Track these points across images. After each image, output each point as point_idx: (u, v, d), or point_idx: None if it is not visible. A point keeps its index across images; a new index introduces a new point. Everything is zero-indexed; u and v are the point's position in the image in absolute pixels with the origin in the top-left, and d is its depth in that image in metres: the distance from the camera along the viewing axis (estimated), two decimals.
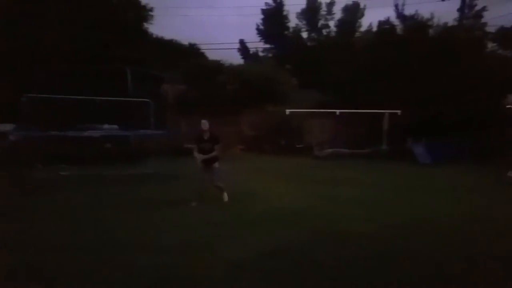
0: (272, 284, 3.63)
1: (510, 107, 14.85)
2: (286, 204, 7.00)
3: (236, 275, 3.80)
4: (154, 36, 23.61)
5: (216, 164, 7.14)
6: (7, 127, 11.85)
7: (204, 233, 5.21)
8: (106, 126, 12.57)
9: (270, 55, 33.30)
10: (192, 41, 31.09)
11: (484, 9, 30.48)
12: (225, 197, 7.24)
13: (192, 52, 29.76)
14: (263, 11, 33.71)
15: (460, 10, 26.04)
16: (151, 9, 19.80)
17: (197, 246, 4.69)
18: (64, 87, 11.08)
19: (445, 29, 19.20)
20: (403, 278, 3.80)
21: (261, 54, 34.07)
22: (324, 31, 32.69)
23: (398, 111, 14.91)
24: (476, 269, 4.09)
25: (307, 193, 8.10)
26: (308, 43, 32.00)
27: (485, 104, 14.48)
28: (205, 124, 7.00)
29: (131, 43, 15.22)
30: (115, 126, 12.10)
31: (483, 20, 30.13)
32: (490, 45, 31.61)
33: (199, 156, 6.98)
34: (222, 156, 7.57)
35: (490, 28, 31.71)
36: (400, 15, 21.27)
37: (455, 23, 24.59)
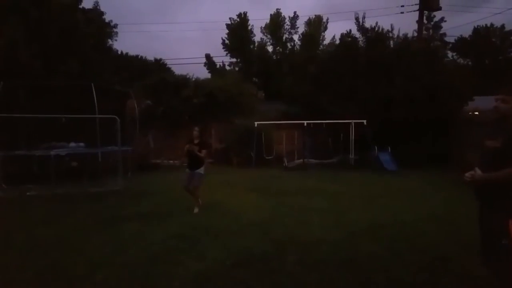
0: None
1: (470, 113, 15.67)
2: (252, 215, 7.12)
3: (199, 287, 3.87)
4: (119, 52, 23.40)
5: (201, 170, 7.58)
6: None
7: (168, 246, 5.26)
8: (72, 144, 12.28)
9: (236, 68, 33.71)
10: (158, 57, 31.11)
11: (442, 20, 32.31)
12: (196, 209, 7.48)
13: (158, 67, 29.71)
14: (228, 26, 34.21)
15: (419, 21, 27.54)
16: (115, 26, 19.67)
17: (160, 259, 4.75)
18: (27, 105, 10.80)
19: (404, 41, 20.21)
20: (364, 280, 4.03)
21: (227, 67, 34.46)
22: (289, 45, 33.51)
23: (364, 121, 15.43)
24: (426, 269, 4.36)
25: (274, 204, 8.25)
26: (274, 57, 32.67)
27: (446, 112, 15.27)
28: (196, 131, 7.66)
29: (94, 59, 14.99)
30: (82, 144, 11.85)
31: (442, 31, 32.00)
32: (450, 54, 33.53)
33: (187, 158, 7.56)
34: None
35: (450, 38, 33.69)
36: (361, 28, 22.17)
37: (415, 34, 25.94)
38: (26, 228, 6.34)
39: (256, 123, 15.79)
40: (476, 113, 14.99)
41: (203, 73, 33.86)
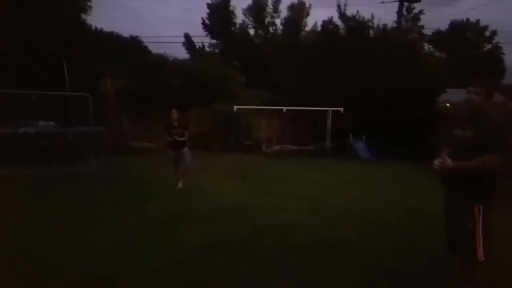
0: (212, 278, 3.70)
1: (445, 105, 15.98)
2: (229, 200, 7.09)
3: (176, 271, 3.82)
4: (92, 28, 22.37)
5: (186, 149, 7.87)
6: None
7: (145, 230, 5.16)
8: (41, 122, 11.75)
9: (217, 50, 33.04)
10: (134, 34, 29.85)
11: (421, 12, 32.62)
12: (180, 184, 7.88)
13: (134, 46, 28.61)
14: (209, 6, 33.32)
15: (398, 13, 27.69)
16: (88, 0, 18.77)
17: (136, 243, 4.65)
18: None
19: (383, 31, 20.34)
20: (335, 263, 4.11)
21: (207, 49, 33.68)
22: (271, 29, 33.07)
23: (341, 109, 15.52)
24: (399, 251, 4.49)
25: (251, 189, 8.26)
26: (256, 40, 32.19)
27: (421, 103, 15.53)
28: (174, 113, 7.78)
29: (68, 35, 14.28)
30: (52, 123, 11.36)
31: (420, 23, 32.32)
32: (427, 47, 34.04)
33: (171, 142, 7.78)
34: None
35: (427, 31, 34.14)
36: (342, 16, 22.12)
37: (394, 25, 26.13)
38: None
39: (235, 107, 15.62)
40: (448, 105, 15.31)
41: (182, 54, 33.00)
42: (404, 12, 29.83)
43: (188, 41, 34.14)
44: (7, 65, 10.92)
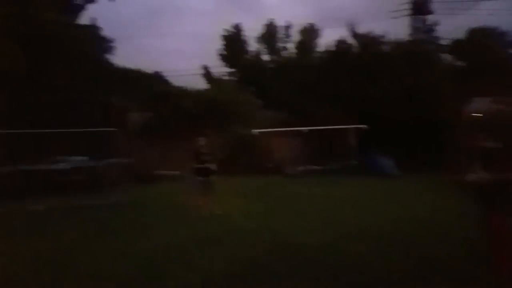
0: None
1: (473, 115, 15.75)
2: (248, 222, 7.26)
3: None
4: (116, 66, 23.63)
5: (212, 177, 8.21)
6: None
7: (163, 257, 5.30)
8: (74, 157, 12.45)
9: (234, 78, 33.95)
10: (156, 69, 31.22)
11: (436, 23, 32.56)
12: (203, 210, 7.99)
13: (156, 80, 29.86)
14: (224, 37, 34.57)
15: (411, 26, 27.80)
16: (112, 41, 19.96)
17: (155, 270, 4.81)
18: (31, 120, 11.02)
19: (398, 45, 20.53)
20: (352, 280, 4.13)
21: (224, 77, 34.68)
22: (284, 53, 33.84)
23: (364, 126, 15.54)
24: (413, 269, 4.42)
25: (270, 210, 8.42)
26: (270, 65, 32.97)
27: (443, 114, 15.42)
28: (202, 140, 8.20)
29: (94, 74, 15.25)
30: (84, 158, 12.02)
31: (436, 34, 32.21)
32: (447, 57, 33.69)
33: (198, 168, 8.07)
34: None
35: (446, 41, 33.88)
36: (354, 34, 22.52)
37: (408, 38, 26.26)
38: (27, 241, 6.44)
39: (255, 131, 15.95)
40: (473, 114, 15.11)
41: (201, 84, 34.11)
42: (418, 25, 29.91)
43: (206, 72, 35.36)
44: (39, 103, 11.72)
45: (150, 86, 22.34)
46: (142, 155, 15.15)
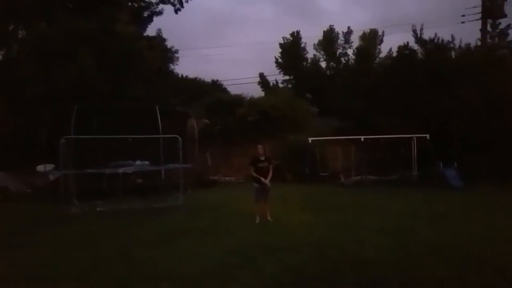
0: None
1: None
2: (307, 233, 7.12)
3: None
4: (179, 75, 24.84)
5: (269, 184, 8.24)
6: (48, 167, 12.58)
7: (224, 262, 5.39)
8: (138, 162, 13.13)
9: (289, 85, 33.95)
10: (214, 78, 32.35)
11: (509, 27, 30.13)
12: (268, 216, 8.22)
13: (215, 88, 30.92)
14: (281, 45, 34.75)
15: (482, 30, 25.94)
16: (176, 51, 21.04)
17: (216, 274, 4.90)
18: (98, 126, 11.84)
19: (466, 50, 19.21)
20: None
21: (281, 85, 34.78)
22: (343, 59, 33.21)
23: (427, 135, 14.74)
24: None
25: (329, 221, 8.18)
26: (327, 72, 32.50)
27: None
28: (260, 148, 8.34)
29: (158, 83, 16.14)
30: (147, 162, 12.62)
31: (509, 38, 29.76)
32: None
33: (257, 176, 8.16)
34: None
35: None
36: (419, 40, 21.44)
37: (478, 43, 24.47)
38: (93, 241, 6.87)
39: (310, 139, 15.74)
40: None
41: (258, 92, 34.64)
42: (489, 29, 27.82)
43: (263, 80, 35.77)
44: (111, 114, 12.55)
45: (209, 94, 23.17)
46: (200, 161, 15.64)
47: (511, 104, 14.50)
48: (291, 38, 34.38)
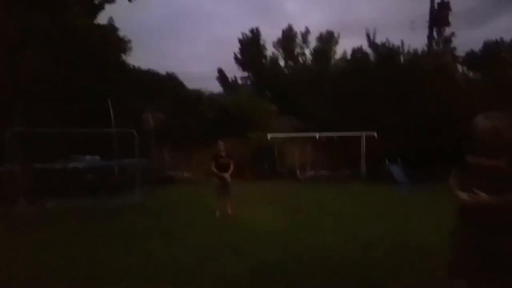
0: None
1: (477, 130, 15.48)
2: (267, 227, 7.23)
3: None
4: (131, 67, 23.88)
5: (230, 180, 8.32)
6: None
7: (191, 256, 5.42)
8: (88, 157, 12.57)
9: (248, 82, 34.07)
10: (170, 71, 31.27)
11: (452, 34, 32.28)
12: (229, 210, 8.27)
13: (171, 82, 30.05)
14: (240, 41, 34.74)
15: (429, 37, 27.62)
16: (128, 41, 20.23)
17: (182, 271, 4.85)
18: (46, 119, 11.17)
19: (414, 57, 20.39)
20: (372, 281, 4.26)
21: (240, 82, 34.83)
22: (301, 59, 33.87)
23: (375, 133, 15.53)
24: None
25: (287, 215, 8.38)
26: (286, 71, 33.01)
27: (456, 126, 15.23)
28: (221, 144, 8.36)
29: (111, 75, 15.46)
30: (97, 157, 12.12)
31: (452, 45, 31.93)
32: (461, 69, 33.44)
33: (217, 171, 8.23)
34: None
35: (461, 53, 33.61)
36: (372, 44, 22.46)
37: (425, 49, 26.01)
38: (48, 244, 6.41)
39: (269, 136, 16.01)
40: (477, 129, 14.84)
41: (216, 87, 34.32)
42: (435, 36, 29.68)
43: (221, 75, 35.57)
44: (53, 102, 11.86)
45: (165, 88, 22.56)
46: (157, 157, 15.28)
47: (461, 112, 15.50)
48: (250, 35, 34.50)
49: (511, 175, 2.57)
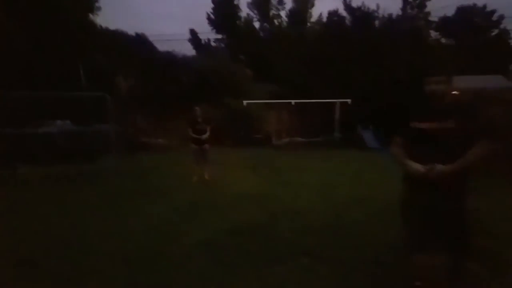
0: (237, 257, 4.09)
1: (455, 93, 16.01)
2: (245, 190, 7.46)
3: (203, 252, 4.25)
4: (100, 27, 22.71)
5: (207, 145, 8.38)
6: None
7: (170, 218, 5.60)
8: (58, 122, 12.16)
9: (222, 45, 33.20)
10: (139, 31, 29.85)
11: None
12: (207, 175, 8.41)
13: (140, 43, 28.80)
14: (213, 0, 33.49)
15: (404, 1, 27.58)
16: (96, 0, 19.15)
17: (164, 229, 5.07)
18: (13, 83, 10.62)
19: (389, 21, 20.42)
20: (346, 241, 4.49)
21: (213, 44, 33.86)
22: (276, 21, 33.13)
23: (348, 100, 15.75)
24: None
25: (264, 180, 8.62)
26: (261, 33, 32.32)
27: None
28: (198, 110, 8.31)
29: (79, 35, 14.67)
30: (68, 122, 11.75)
31: (426, 10, 32.04)
32: (434, 34, 33.83)
33: (194, 137, 8.26)
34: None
35: (434, 18, 33.89)
36: (348, 7, 22.22)
37: (400, 12, 26.05)
38: (28, 207, 6.43)
39: (245, 102, 15.94)
40: (456, 92, 15.38)
41: (188, 50, 33.31)
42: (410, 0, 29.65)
43: (194, 37, 34.38)
44: (20, 64, 11.27)
45: (134, 50, 21.61)
46: (130, 122, 14.96)
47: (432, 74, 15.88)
48: None
49: (460, 136, 2.56)
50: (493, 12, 35.62)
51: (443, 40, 34.33)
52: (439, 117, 2.63)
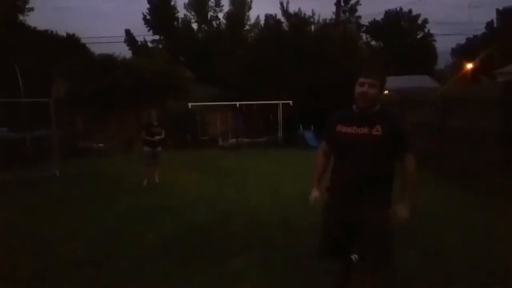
0: (194, 255, 4.42)
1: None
2: (195, 192, 7.75)
3: (162, 252, 4.52)
4: (30, 27, 21.37)
5: (160, 148, 8.51)
6: None
7: (123, 221, 5.73)
8: None
9: (160, 46, 32.77)
10: (71, 32, 28.41)
11: (357, 3, 34.57)
12: (157, 178, 8.54)
13: (73, 45, 27.39)
14: (149, 1, 32.99)
15: (337, 5, 29.34)
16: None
17: (120, 232, 5.21)
18: None
19: (323, 26, 21.70)
20: (295, 235, 4.98)
21: (150, 45, 33.29)
22: (214, 23, 33.45)
23: (290, 102, 16.55)
24: None
25: (213, 181, 8.93)
26: (199, 35, 32.40)
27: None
28: (153, 113, 8.51)
29: (10, 37, 13.83)
30: (4, 129, 11.10)
31: (358, 14, 34.34)
32: (364, 37, 36.25)
33: (148, 139, 8.37)
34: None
35: (365, 22, 36.41)
36: (285, 12, 23.17)
37: (333, 17, 27.67)
38: None
39: (190, 104, 16.12)
40: (386, 92, 16.88)
41: (123, 51, 32.33)
42: (342, 4, 31.52)
43: (129, 38, 33.49)
44: None
45: (67, 52, 20.59)
46: (69, 127, 14.39)
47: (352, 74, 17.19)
48: None
49: (383, 143, 2.52)
50: (418, 16, 39.01)
51: (373, 43, 36.96)
52: (363, 122, 2.58)
